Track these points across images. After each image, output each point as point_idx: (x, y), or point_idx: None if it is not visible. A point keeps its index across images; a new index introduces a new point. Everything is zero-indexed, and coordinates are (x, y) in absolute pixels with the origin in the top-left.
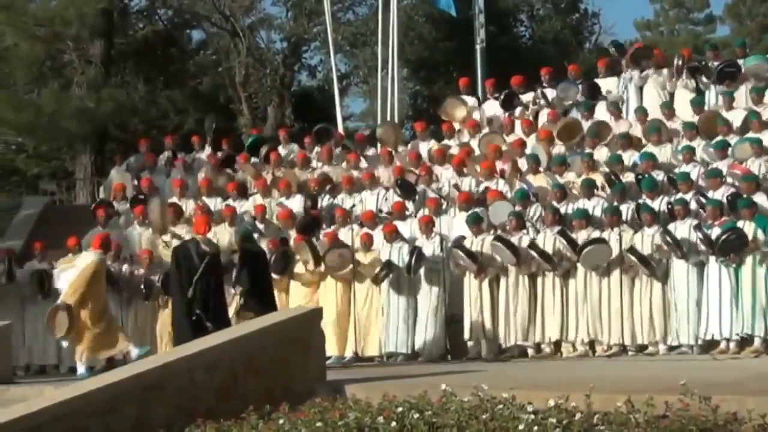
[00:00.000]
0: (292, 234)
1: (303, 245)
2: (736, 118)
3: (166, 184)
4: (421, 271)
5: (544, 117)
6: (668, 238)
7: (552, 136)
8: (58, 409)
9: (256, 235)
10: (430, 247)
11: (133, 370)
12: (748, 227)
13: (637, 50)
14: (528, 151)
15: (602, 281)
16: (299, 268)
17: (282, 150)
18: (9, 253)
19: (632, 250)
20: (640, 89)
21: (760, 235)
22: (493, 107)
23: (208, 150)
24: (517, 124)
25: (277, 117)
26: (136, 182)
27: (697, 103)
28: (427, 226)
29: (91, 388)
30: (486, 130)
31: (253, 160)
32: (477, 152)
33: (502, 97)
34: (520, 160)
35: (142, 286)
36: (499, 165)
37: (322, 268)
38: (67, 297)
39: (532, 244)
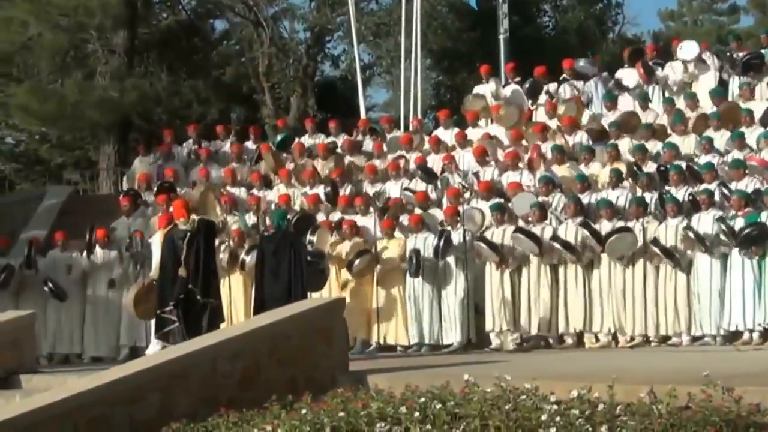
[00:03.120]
0: (319, 217)
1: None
2: (757, 109)
3: (192, 173)
4: (448, 260)
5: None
6: (691, 234)
7: (577, 124)
8: (82, 399)
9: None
10: (455, 238)
11: (157, 359)
12: None
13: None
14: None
15: (626, 272)
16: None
17: (308, 140)
18: (33, 241)
19: (656, 241)
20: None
21: None
22: (513, 92)
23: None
24: (540, 111)
25: (300, 107)
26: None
27: (718, 94)
28: (452, 217)
29: (115, 377)
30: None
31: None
32: (498, 135)
33: (527, 86)
34: (543, 146)
35: None
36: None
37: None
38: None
39: (555, 236)
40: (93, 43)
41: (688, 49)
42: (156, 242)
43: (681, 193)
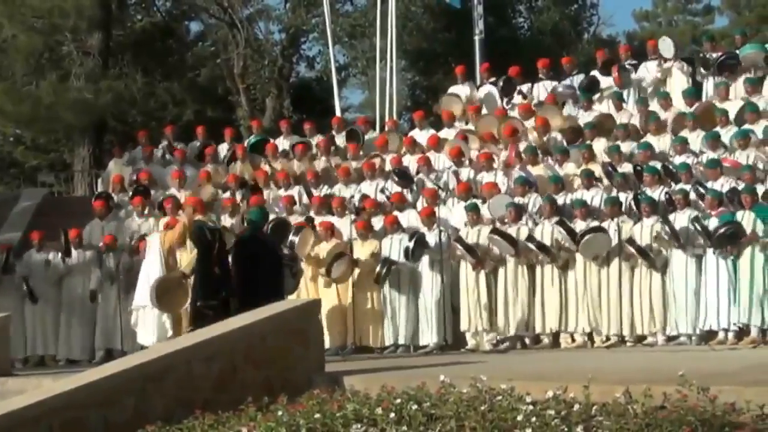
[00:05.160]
0: (293, 219)
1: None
2: (732, 109)
3: (166, 175)
4: (424, 261)
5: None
6: (666, 228)
7: (547, 124)
8: (57, 401)
9: None
10: (431, 239)
11: (132, 361)
12: (747, 217)
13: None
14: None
15: (601, 272)
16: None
17: (284, 141)
18: (6, 247)
19: (631, 240)
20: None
21: (759, 224)
22: (487, 94)
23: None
24: (514, 111)
25: (276, 108)
26: (134, 176)
27: (690, 94)
28: (429, 218)
29: (90, 380)
30: (484, 111)
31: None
32: (475, 138)
33: (501, 84)
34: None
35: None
36: (497, 153)
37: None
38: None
39: (530, 237)
40: (67, 44)
41: (665, 46)
42: (155, 242)
43: (656, 193)
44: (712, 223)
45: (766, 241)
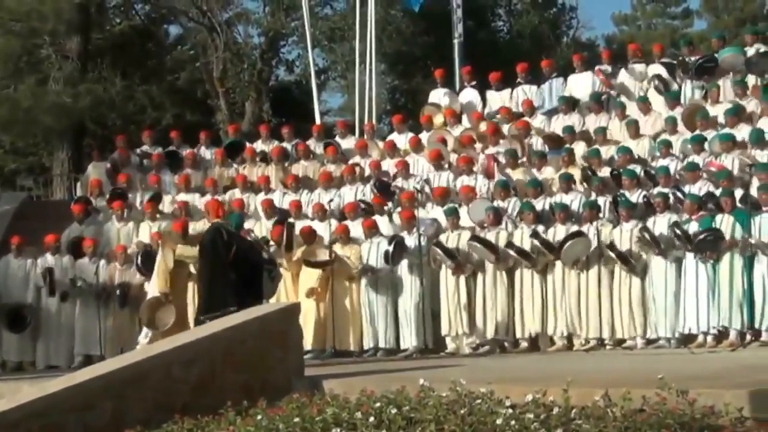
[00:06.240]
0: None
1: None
2: (718, 112)
3: (144, 179)
4: (403, 264)
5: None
6: (646, 236)
7: (528, 126)
8: (36, 406)
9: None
10: (410, 242)
11: (111, 366)
12: (726, 220)
13: None
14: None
15: (581, 275)
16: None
17: (262, 145)
18: None
19: (611, 246)
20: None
21: (738, 228)
22: (469, 95)
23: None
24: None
25: (255, 112)
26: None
27: (673, 97)
28: (408, 222)
29: (69, 384)
30: (464, 119)
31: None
32: (452, 145)
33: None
34: (495, 150)
35: (117, 292)
36: (476, 157)
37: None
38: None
39: (510, 244)
40: (46, 48)
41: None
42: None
43: (635, 197)
44: (692, 227)
45: (747, 239)
